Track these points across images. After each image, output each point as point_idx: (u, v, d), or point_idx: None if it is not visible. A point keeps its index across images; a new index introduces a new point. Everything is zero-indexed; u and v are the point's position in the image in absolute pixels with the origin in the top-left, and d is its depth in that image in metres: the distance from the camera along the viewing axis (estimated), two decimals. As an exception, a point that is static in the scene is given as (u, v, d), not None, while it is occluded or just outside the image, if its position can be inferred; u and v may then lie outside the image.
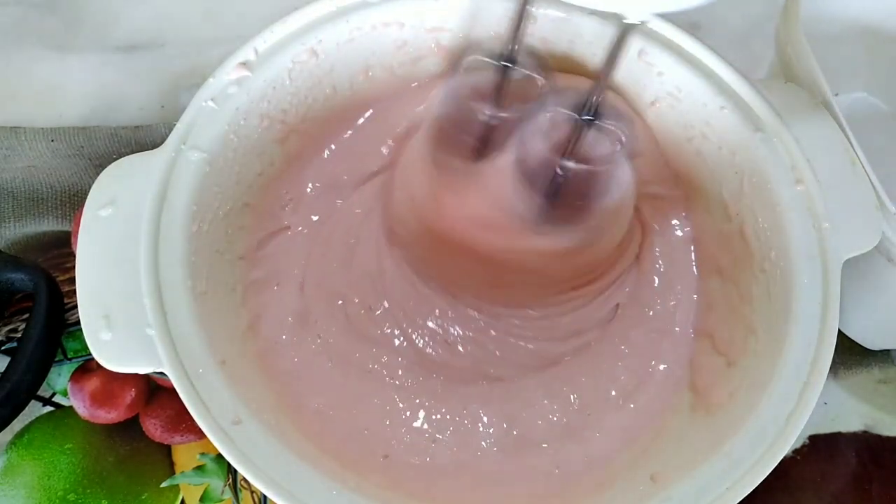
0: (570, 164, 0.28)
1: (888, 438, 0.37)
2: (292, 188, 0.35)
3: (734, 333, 0.31)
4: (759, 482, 0.25)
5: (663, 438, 0.31)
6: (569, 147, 0.28)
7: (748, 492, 0.25)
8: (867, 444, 0.37)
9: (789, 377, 0.27)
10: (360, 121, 0.36)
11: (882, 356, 0.40)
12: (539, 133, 0.29)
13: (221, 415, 0.26)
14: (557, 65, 0.34)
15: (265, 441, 0.26)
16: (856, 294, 0.35)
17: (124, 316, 0.27)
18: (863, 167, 0.31)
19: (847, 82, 0.42)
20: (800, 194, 0.30)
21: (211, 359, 0.27)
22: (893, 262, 0.33)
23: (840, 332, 0.28)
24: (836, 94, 0.33)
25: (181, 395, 0.26)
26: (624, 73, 0.33)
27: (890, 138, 0.42)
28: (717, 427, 0.28)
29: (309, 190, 0.35)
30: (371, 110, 0.36)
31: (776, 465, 0.25)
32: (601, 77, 0.26)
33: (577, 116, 0.27)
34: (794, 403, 0.27)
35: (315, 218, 0.35)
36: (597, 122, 0.27)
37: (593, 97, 0.26)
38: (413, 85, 0.36)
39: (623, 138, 0.28)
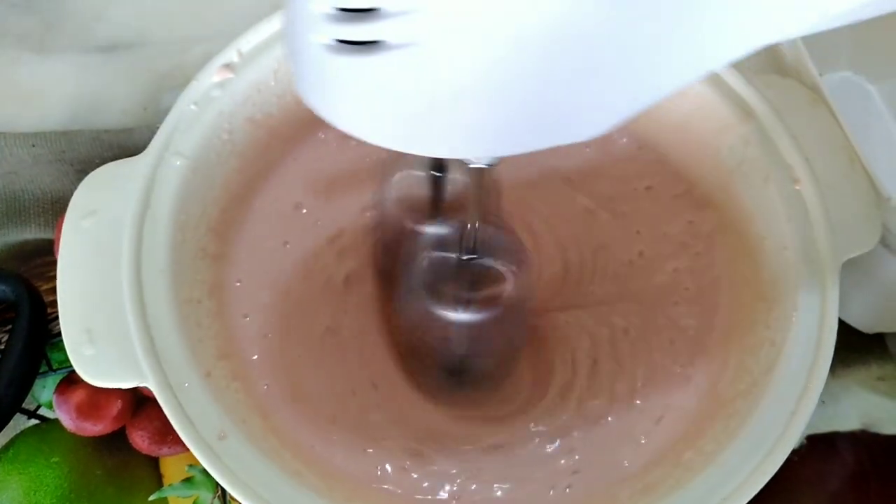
0: (453, 315, 0.24)
1: (886, 437, 0.37)
2: (279, 193, 0.34)
3: (734, 334, 0.31)
4: (756, 492, 0.25)
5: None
6: (452, 290, 0.24)
7: (745, 501, 0.25)
8: (865, 444, 0.37)
9: (788, 380, 0.27)
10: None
11: (880, 351, 0.40)
12: (415, 277, 0.25)
13: (207, 430, 0.25)
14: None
15: (252, 457, 0.25)
16: (852, 279, 0.35)
17: (107, 330, 0.26)
18: (862, 165, 0.30)
19: (832, 62, 0.41)
20: (798, 194, 0.29)
21: (195, 371, 0.26)
22: (890, 250, 0.32)
23: (838, 324, 0.28)
24: (822, 75, 0.33)
25: (165, 411, 0.25)
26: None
27: (876, 117, 0.42)
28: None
29: (296, 194, 0.34)
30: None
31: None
32: (470, 216, 0.22)
33: (456, 255, 0.23)
34: (794, 406, 0.26)
35: (303, 224, 0.34)
36: (480, 260, 0.23)
37: (469, 234, 0.22)
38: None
39: (511, 279, 0.24)
